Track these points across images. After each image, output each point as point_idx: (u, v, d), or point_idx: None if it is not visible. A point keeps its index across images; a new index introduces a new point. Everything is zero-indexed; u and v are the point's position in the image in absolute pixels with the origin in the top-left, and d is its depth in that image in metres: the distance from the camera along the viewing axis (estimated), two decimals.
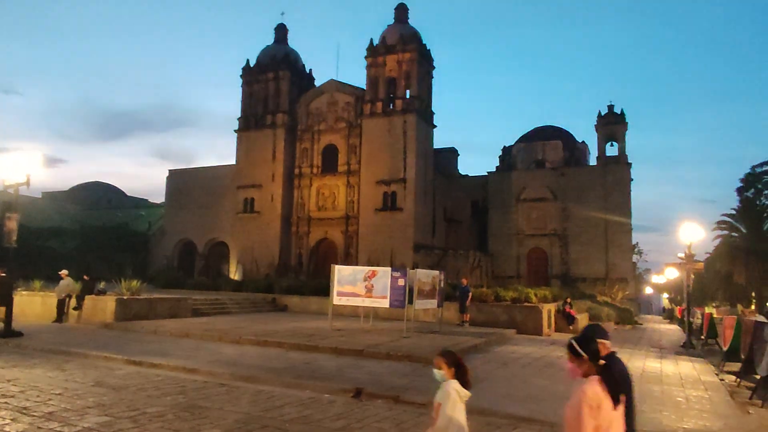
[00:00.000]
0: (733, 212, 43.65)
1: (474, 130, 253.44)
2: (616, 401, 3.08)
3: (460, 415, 3.72)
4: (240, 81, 49.73)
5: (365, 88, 45.03)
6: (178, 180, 52.79)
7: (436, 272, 18.59)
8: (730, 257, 41.89)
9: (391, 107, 43.90)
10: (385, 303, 16.28)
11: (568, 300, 25.29)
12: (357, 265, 32.40)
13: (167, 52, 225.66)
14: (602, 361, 3.16)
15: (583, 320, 26.02)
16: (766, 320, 12.45)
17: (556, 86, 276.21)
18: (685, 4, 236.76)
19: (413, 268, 18.98)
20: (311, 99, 47.68)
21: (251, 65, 49.22)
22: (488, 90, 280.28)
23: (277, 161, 46.65)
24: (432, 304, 17.81)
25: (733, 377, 12.12)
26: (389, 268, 17.17)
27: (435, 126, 46.72)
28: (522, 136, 52.62)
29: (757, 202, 40.46)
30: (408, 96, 43.57)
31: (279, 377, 10.05)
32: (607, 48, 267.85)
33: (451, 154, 55.37)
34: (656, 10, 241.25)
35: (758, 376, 10.42)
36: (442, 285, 18.44)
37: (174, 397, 8.29)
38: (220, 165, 51.91)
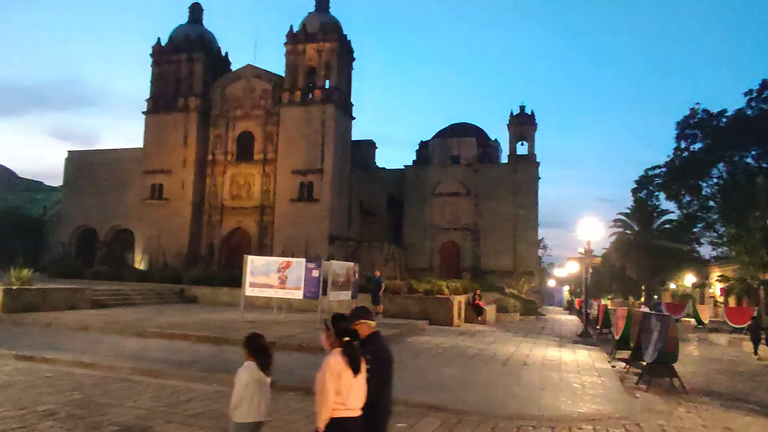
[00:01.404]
0: (628, 211, 46.94)
1: (392, 123, 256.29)
2: (355, 370, 3.67)
3: (256, 394, 4.00)
4: (150, 60, 47.12)
5: (284, 75, 44.14)
6: (79, 162, 49.29)
7: (351, 264, 18.63)
8: (624, 253, 45.06)
9: (310, 97, 43.34)
10: (299, 294, 16.12)
11: (478, 292, 26.23)
12: (271, 255, 31.81)
13: (70, 23, 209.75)
14: (346, 338, 3.71)
15: (491, 311, 27.12)
16: (652, 312, 13.51)
17: (473, 85, 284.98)
18: (590, 16, 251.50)
19: (328, 260, 18.91)
20: (227, 84, 46.08)
21: (162, 44, 46.75)
22: (407, 85, 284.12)
23: (189, 147, 44.73)
24: (346, 295, 17.84)
25: (624, 364, 13.08)
26: (304, 260, 16.99)
27: (354, 118, 46.69)
28: (438, 132, 53.83)
29: (649, 203, 43.74)
30: (327, 86, 43.19)
31: (185, 371, 9.67)
32: (521, 52, 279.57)
33: (369, 146, 55.65)
34: (566, 21, 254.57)
35: (644, 363, 11.30)
36: (356, 277, 18.52)
37: (68, 394, 7.75)
38: (127, 148, 48.97)
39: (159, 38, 46.92)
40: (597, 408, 8.49)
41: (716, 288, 42.75)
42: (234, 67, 47.98)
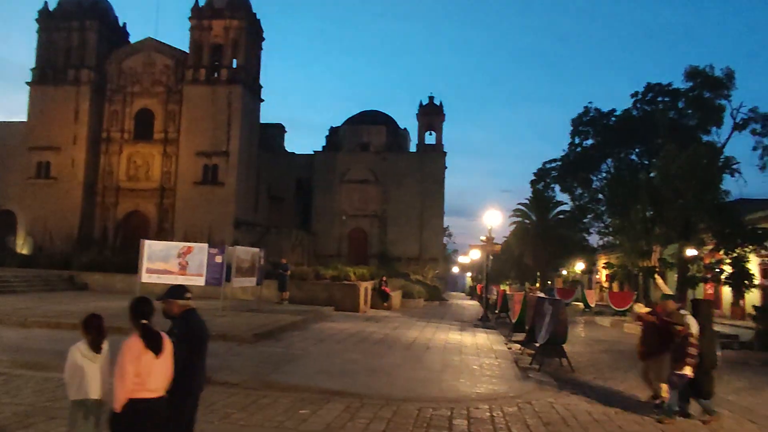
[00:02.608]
0: (527, 202, 49.36)
1: (303, 108, 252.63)
2: (155, 351, 3.72)
3: (88, 372, 3.99)
4: (36, 26, 43.06)
5: (188, 52, 42.04)
6: None
7: (256, 250, 18.20)
8: (522, 241, 47.41)
9: (216, 76, 41.67)
10: (200, 281, 15.51)
11: (384, 278, 26.59)
12: (172, 241, 30.39)
13: None
14: (143, 321, 3.77)
15: (396, 297, 27.61)
16: (546, 296, 14.34)
17: (384, 74, 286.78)
18: (500, 13, 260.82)
19: (233, 245, 18.35)
20: (124, 57, 43.16)
21: (51, 9, 42.86)
22: (319, 70, 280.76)
23: (81, 122, 41.55)
24: (251, 282, 17.43)
25: (519, 346, 13.81)
26: (206, 245, 16.36)
27: (262, 100, 45.51)
28: (349, 119, 53.71)
29: (546, 194, 46.25)
30: (235, 66, 41.69)
31: None
32: (432, 44, 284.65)
33: (278, 130, 54.48)
34: (476, 16, 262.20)
35: (537, 344, 11.99)
36: (261, 263, 18.12)
37: None
38: (8, 121, 44.67)
39: (46, 2, 42.99)
40: (493, 388, 8.89)
41: (602, 274, 46.29)
42: (133, 40, 45.06)
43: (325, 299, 21.29)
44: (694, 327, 7.35)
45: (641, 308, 9.18)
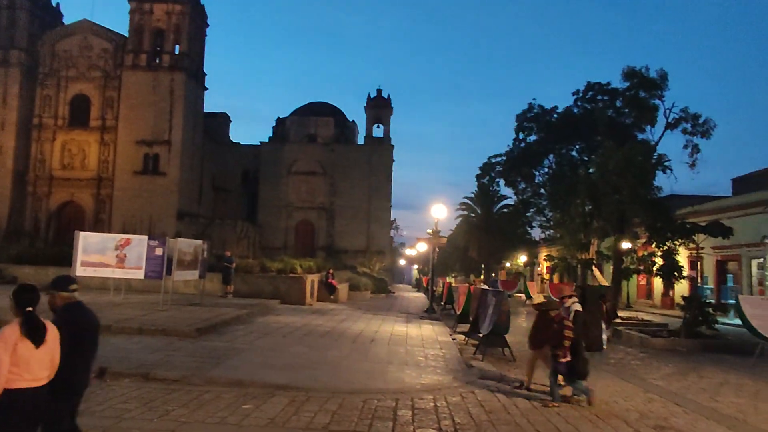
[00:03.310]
0: (472, 196, 50.30)
1: (249, 98, 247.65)
2: (36, 342, 3.62)
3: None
4: None
5: (128, 36, 40.38)
6: None
7: (199, 242, 17.74)
8: (468, 234, 48.36)
9: (158, 62, 40.26)
10: (139, 274, 15.01)
11: (331, 271, 26.48)
12: (110, 232, 29.22)
13: None
14: (28, 308, 3.64)
15: (343, 290, 27.58)
16: (489, 288, 14.66)
17: (333, 65, 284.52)
18: (449, 9, 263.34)
19: (176, 237, 17.82)
20: (58, 39, 41.04)
21: None
22: (267, 60, 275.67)
23: (10, 106, 39.30)
24: (193, 275, 16.98)
25: (463, 337, 14.07)
26: (146, 237, 15.81)
27: (207, 88, 44.31)
28: (296, 110, 53.05)
29: (491, 188, 47.23)
30: (177, 52, 40.37)
31: None
32: (381, 37, 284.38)
33: (223, 119, 53.26)
34: (426, 11, 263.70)
35: (481, 335, 12.25)
36: (205, 255, 17.68)
37: None
38: None
39: None
40: (438, 378, 9.02)
41: (543, 266, 47.75)
42: (67, 21, 42.90)
43: (270, 292, 21.01)
44: (582, 313, 7.67)
45: (539, 298, 9.39)
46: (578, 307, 7.79)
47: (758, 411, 7.82)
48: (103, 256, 14.89)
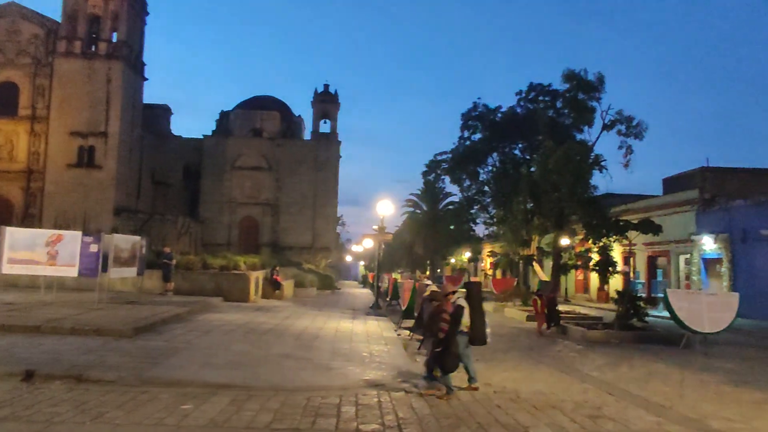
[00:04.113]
0: (418, 192, 50.79)
1: (192, 90, 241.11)
2: None
3: None
4: None
5: (60, 21, 38.43)
6: None
7: (137, 238, 17.15)
8: (413, 230, 48.86)
9: (94, 49, 38.54)
10: (72, 272, 14.35)
11: (276, 267, 26.18)
12: (42, 228, 27.81)
13: None
14: None
15: (288, 287, 27.30)
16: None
17: (279, 59, 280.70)
18: (394, 5, 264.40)
19: (113, 233, 17.14)
20: None
21: None
22: (211, 52, 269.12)
23: None
24: (131, 272, 16.40)
25: (408, 332, 14.20)
26: (79, 233, 15.13)
27: (146, 78, 42.80)
28: (241, 103, 51.98)
29: (437, 185, 47.90)
30: (115, 40, 38.76)
31: None
32: (328, 31, 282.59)
33: (164, 111, 51.53)
34: (373, 8, 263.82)
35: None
36: (143, 252, 17.10)
37: None
38: None
39: None
40: (382, 374, 9.07)
41: (487, 262, 48.84)
42: None
43: (213, 290, 20.57)
44: (466, 309, 7.80)
45: (431, 288, 9.56)
46: (462, 302, 7.92)
47: (683, 398, 8.28)
48: (32, 253, 14.15)
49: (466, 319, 7.98)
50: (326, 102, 50.01)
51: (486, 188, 36.97)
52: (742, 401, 8.20)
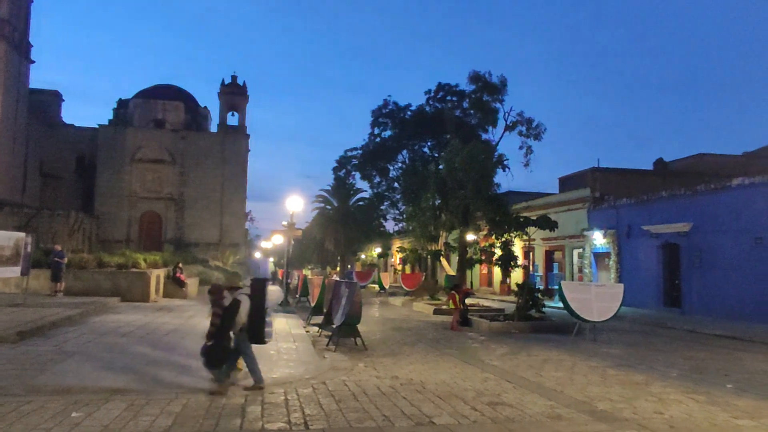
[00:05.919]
0: (329, 188, 50.62)
1: (86, 75, 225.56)
2: None
3: None
4: None
5: None
6: None
7: (21, 235, 15.80)
8: (324, 226, 48.61)
9: None
10: None
11: (179, 265, 25.14)
12: None
13: None
14: None
15: (193, 285, 26.29)
16: (343, 279, 14.90)
17: (183, 46, 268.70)
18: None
19: None
20: None
21: None
22: (106, 33, 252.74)
23: None
24: (14, 272, 15.09)
25: (317, 329, 14.15)
26: None
27: (33, 61, 39.52)
28: (141, 92, 49.17)
29: (347, 181, 47.99)
30: None
31: None
32: (238, 22, 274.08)
33: (53, 98, 47.73)
34: (288, 1, 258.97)
35: (334, 326, 12.42)
36: (29, 249, 15.78)
37: None
38: None
39: None
40: (290, 371, 8.99)
41: (396, 257, 49.63)
42: None
43: (109, 289, 19.42)
44: (243, 305, 7.84)
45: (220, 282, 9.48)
46: (243, 298, 7.92)
47: (573, 383, 8.88)
48: None
49: (242, 316, 7.74)
50: (234, 94, 48.53)
51: (396, 185, 37.60)
52: (625, 383, 8.92)
